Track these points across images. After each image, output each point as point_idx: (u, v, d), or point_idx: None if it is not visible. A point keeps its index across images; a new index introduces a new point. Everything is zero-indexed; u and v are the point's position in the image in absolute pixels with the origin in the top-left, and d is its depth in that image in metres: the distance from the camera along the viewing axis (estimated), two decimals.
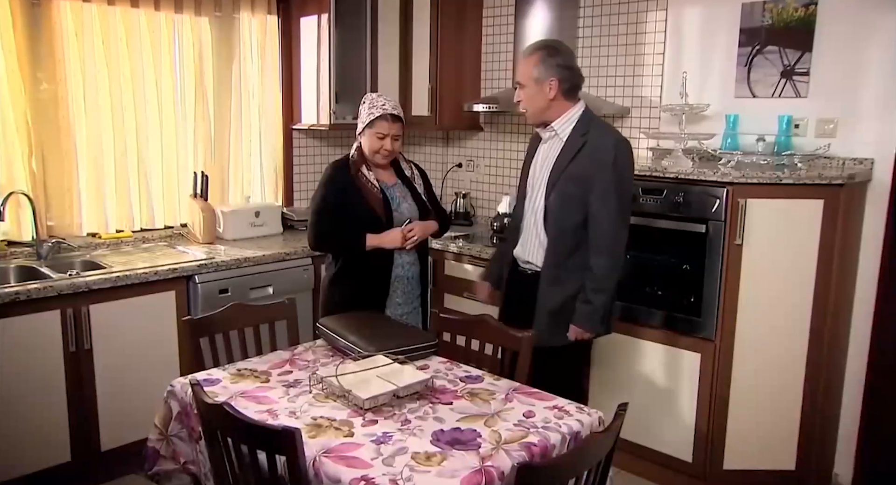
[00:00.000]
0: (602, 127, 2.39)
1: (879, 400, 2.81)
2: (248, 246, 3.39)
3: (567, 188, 2.32)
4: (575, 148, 2.31)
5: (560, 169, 2.34)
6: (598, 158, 2.27)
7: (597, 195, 2.27)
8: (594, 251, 2.31)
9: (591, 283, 2.32)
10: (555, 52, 2.34)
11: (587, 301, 2.33)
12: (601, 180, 2.27)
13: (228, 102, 3.63)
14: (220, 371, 2.10)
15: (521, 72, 2.36)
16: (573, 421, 1.82)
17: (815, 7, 2.81)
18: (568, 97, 2.35)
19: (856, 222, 2.75)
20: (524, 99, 2.37)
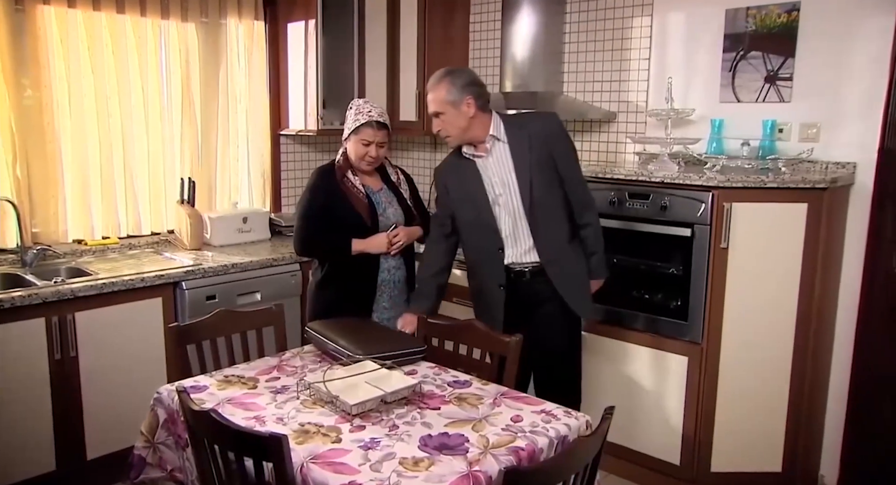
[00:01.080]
0: (528, 114, 2.64)
1: (863, 402, 2.83)
2: (236, 252, 3.38)
3: (541, 177, 2.41)
4: (524, 140, 2.41)
5: (525, 164, 2.41)
6: (550, 135, 2.43)
7: (564, 164, 2.44)
8: (583, 208, 2.50)
9: (593, 235, 2.52)
10: (459, 73, 2.44)
11: (595, 252, 2.54)
12: (561, 151, 2.44)
13: (215, 108, 3.62)
14: (207, 378, 2.10)
15: (435, 102, 2.42)
16: (561, 425, 1.82)
17: (798, 13, 2.85)
18: (484, 110, 2.43)
19: (839, 226, 2.78)
20: (445, 124, 2.42)
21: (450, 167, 2.57)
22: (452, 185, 2.55)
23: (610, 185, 2.90)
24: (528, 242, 2.46)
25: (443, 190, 2.59)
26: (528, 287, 2.48)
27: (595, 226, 2.52)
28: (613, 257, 2.88)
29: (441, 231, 2.61)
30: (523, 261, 2.48)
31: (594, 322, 2.97)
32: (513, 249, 2.48)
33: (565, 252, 2.48)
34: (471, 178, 2.48)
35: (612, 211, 2.87)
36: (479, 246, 2.53)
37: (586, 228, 2.50)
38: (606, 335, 2.96)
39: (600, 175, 2.92)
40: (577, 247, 2.52)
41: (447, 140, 2.48)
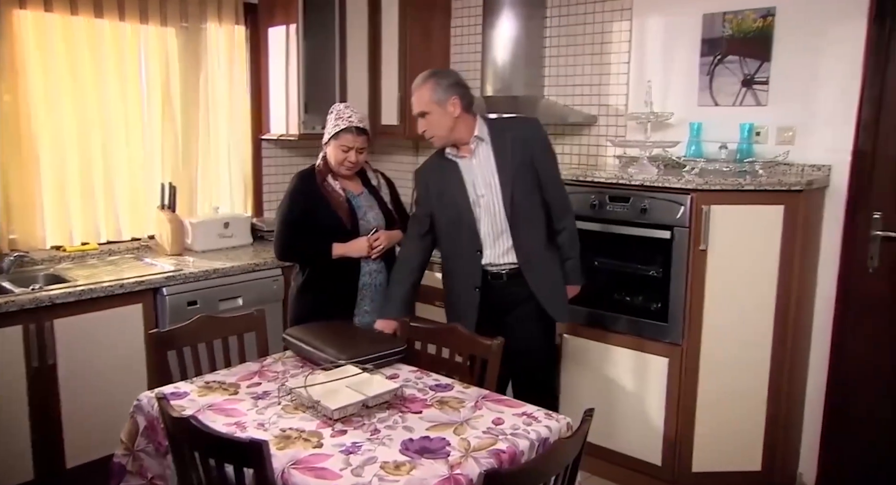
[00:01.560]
0: (511, 119, 2.68)
1: (840, 400, 2.87)
2: (217, 257, 3.36)
3: (522, 180, 2.44)
4: (507, 143, 2.44)
5: (508, 166, 2.43)
6: (531, 140, 2.46)
7: (545, 168, 2.48)
8: (561, 212, 2.53)
9: (569, 240, 2.55)
10: (444, 74, 2.48)
11: (570, 258, 2.56)
12: (542, 155, 2.48)
13: (196, 113, 3.60)
14: (187, 384, 2.08)
15: (420, 101, 2.43)
16: (542, 427, 1.83)
17: (773, 18, 2.89)
18: (469, 112, 2.45)
19: (815, 227, 2.82)
20: (431, 124, 2.43)
21: (432, 167, 2.58)
22: (434, 185, 2.55)
23: (590, 188, 2.92)
24: (507, 243, 2.47)
25: (423, 189, 2.60)
26: (505, 289, 2.49)
27: (571, 231, 2.54)
28: (594, 260, 2.91)
29: (418, 229, 2.61)
30: (501, 262, 2.49)
31: (576, 325, 2.99)
32: (491, 249, 2.49)
33: (542, 255, 2.50)
34: (453, 178, 2.49)
35: (593, 214, 2.89)
36: (457, 247, 2.54)
37: (562, 233, 2.53)
38: (588, 337, 2.98)
39: (581, 178, 2.95)
40: (555, 251, 2.54)
41: (432, 140, 2.48)
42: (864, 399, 2.82)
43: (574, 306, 2.92)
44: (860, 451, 2.83)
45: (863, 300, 2.80)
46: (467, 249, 2.50)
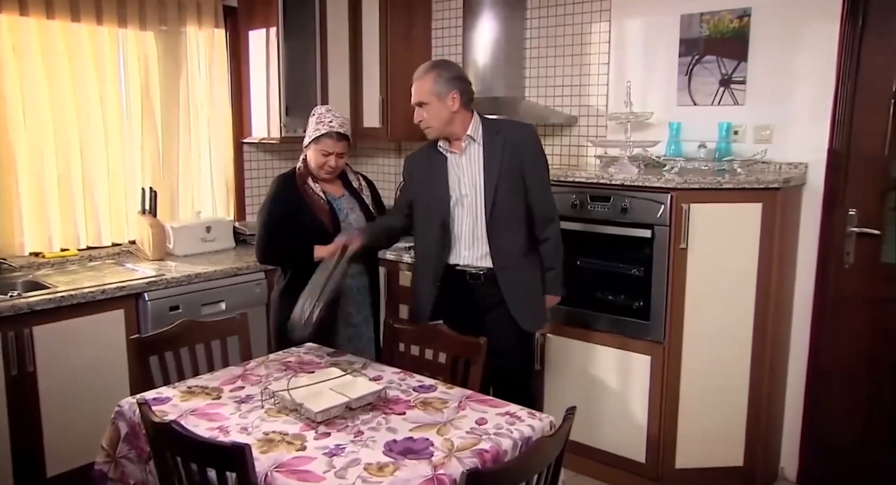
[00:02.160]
0: (506, 121, 2.62)
1: (819, 393, 2.91)
2: (200, 262, 3.34)
3: (509, 184, 2.43)
4: (498, 146, 2.44)
5: (495, 169, 2.43)
6: (523, 145, 2.46)
7: (533, 175, 2.47)
8: (545, 221, 2.50)
9: (552, 250, 2.52)
10: (448, 66, 2.48)
11: (552, 268, 2.54)
12: (532, 162, 2.47)
13: (177, 117, 3.58)
14: (169, 389, 2.07)
15: (421, 91, 2.42)
16: (525, 427, 1.84)
17: (749, 19, 2.93)
18: (467, 108, 2.46)
19: (792, 224, 2.86)
20: (428, 116, 2.43)
21: (420, 157, 2.58)
22: (418, 175, 2.56)
23: (571, 188, 2.94)
24: (485, 247, 2.47)
25: (408, 177, 2.61)
26: (483, 290, 2.49)
27: (555, 241, 2.52)
28: (576, 259, 2.93)
29: (399, 212, 2.66)
30: (478, 265, 2.49)
31: (558, 324, 3.00)
32: (469, 251, 2.49)
33: (520, 263, 2.48)
34: (439, 172, 2.49)
35: (574, 214, 2.91)
36: (427, 239, 2.54)
37: (546, 243, 2.51)
38: (570, 336, 3.00)
39: (562, 178, 2.96)
40: (535, 259, 2.52)
41: (426, 131, 2.47)
42: (843, 393, 2.86)
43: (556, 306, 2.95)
44: (840, 444, 2.87)
45: (839, 296, 2.84)
46: (436, 244, 2.50)
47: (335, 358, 2.36)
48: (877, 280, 2.75)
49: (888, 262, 2.74)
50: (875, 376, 2.77)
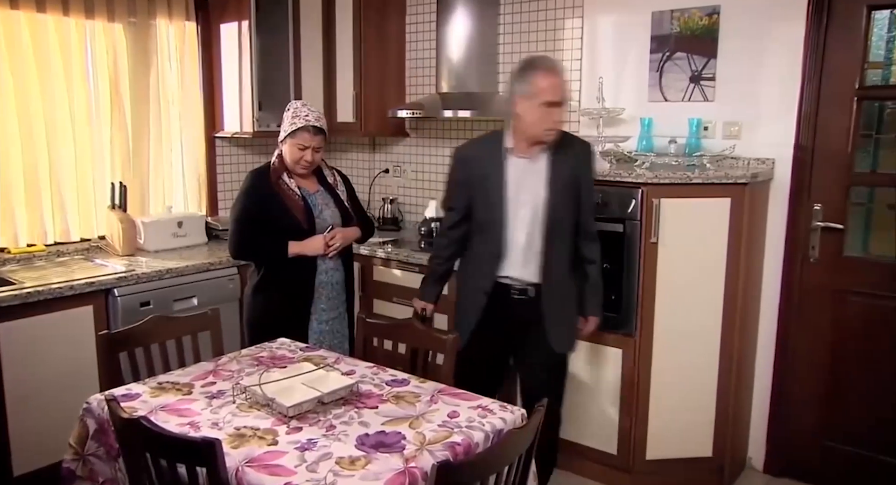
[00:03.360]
0: (569, 134, 2.50)
1: (786, 384, 2.97)
2: (171, 257, 3.31)
3: (567, 198, 2.39)
4: (564, 157, 2.39)
5: (559, 181, 2.37)
6: (585, 161, 2.44)
7: (588, 193, 2.46)
8: (591, 240, 2.49)
9: (596, 269, 2.50)
10: None
11: (598, 291, 2.53)
12: (589, 179, 2.46)
13: (147, 111, 3.54)
14: (139, 386, 2.05)
15: (565, 88, 2.34)
16: (496, 419, 1.86)
17: (718, 17, 2.97)
18: None
19: (760, 218, 2.91)
20: (563, 115, 2.37)
21: (477, 153, 2.44)
22: (478, 173, 2.40)
23: None
24: (537, 261, 2.40)
25: (467, 174, 2.43)
26: (522, 308, 2.43)
27: (598, 260, 2.50)
28: None
29: (455, 216, 2.49)
30: (527, 280, 2.42)
31: None
32: (520, 264, 2.40)
33: (563, 280, 2.45)
34: (498, 174, 2.36)
35: None
36: (481, 247, 2.44)
37: (592, 265, 2.48)
38: None
39: None
40: (573, 279, 2.48)
41: (550, 135, 2.33)
42: (808, 384, 2.92)
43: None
44: (805, 434, 2.94)
45: (805, 289, 2.90)
46: (491, 253, 2.40)
47: (308, 353, 2.36)
48: (840, 273, 2.81)
49: (851, 255, 2.81)
50: (838, 367, 2.84)
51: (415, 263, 3.34)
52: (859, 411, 2.80)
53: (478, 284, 2.46)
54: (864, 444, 2.79)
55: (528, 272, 2.42)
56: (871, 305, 2.74)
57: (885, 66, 2.68)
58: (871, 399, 2.76)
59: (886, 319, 2.71)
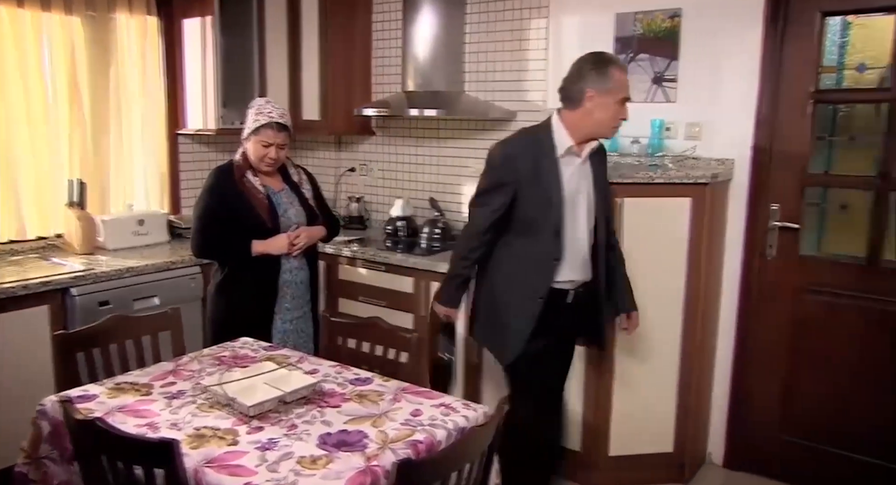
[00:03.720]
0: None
1: (745, 383, 3.04)
2: (132, 256, 3.25)
3: (604, 194, 2.42)
4: (600, 157, 2.43)
5: (600, 180, 2.40)
6: (603, 155, 2.48)
7: (608, 192, 2.50)
8: (614, 237, 2.53)
9: (623, 263, 2.53)
10: None
11: (629, 282, 2.54)
12: (607, 174, 2.50)
13: (107, 106, 3.46)
14: (96, 387, 2.01)
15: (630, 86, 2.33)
16: (459, 417, 1.86)
17: (680, 19, 3.02)
18: None
19: (720, 218, 2.97)
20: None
21: (523, 150, 2.31)
22: (525, 171, 2.27)
23: None
24: (589, 262, 2.40)
25: (512, 177, 2.28)
26: (575, 312, 2.41)
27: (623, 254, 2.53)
28: None
29: (492, 217, 2.31)
30: (581, 280, 2.40)
31: None
32: (573, 266, 2.35)
33: (600, 279, 2.44)
34: (551, 172, 2.27)
35: None
36: (531, 249, 2.30)
37: (622, 263, 2.52)
38: None
39: None
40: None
41: (615, 132, 2.36)
42: (766, 380, 2.99)
43: None
44: (764, 429, 3.01)
45: (763, 287, 2.96)
46: (546, 255, 2.29)
47: (271, 352, 2.33)
48: (796, 271, 2.88)
49: (806, 254, 2.88)
50: (796, 363, 2.91)
51: (380, 262, 3.33)
52: (817, 406, 2.87)
53: (529, 289, 2.31)
54: (822, 438, 2.87)
55: (584, 273, 2.39)
56: (826, 303, 2.81)
57: (838, 70, 2.76)
58: (828, 394, 2.84)
59: (841, 315, 2.78)
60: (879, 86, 2.67)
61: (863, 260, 2.76)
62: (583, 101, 2.26)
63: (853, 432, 2.79)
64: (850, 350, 2.77)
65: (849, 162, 2.82)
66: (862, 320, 2.74)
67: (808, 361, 2.88)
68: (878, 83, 2.68)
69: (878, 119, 2.69)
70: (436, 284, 3.17)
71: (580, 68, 2.30)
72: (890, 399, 2.71)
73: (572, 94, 2.29)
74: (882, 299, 2.70)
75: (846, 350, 2.78)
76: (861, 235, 2.75)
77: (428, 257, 3.26)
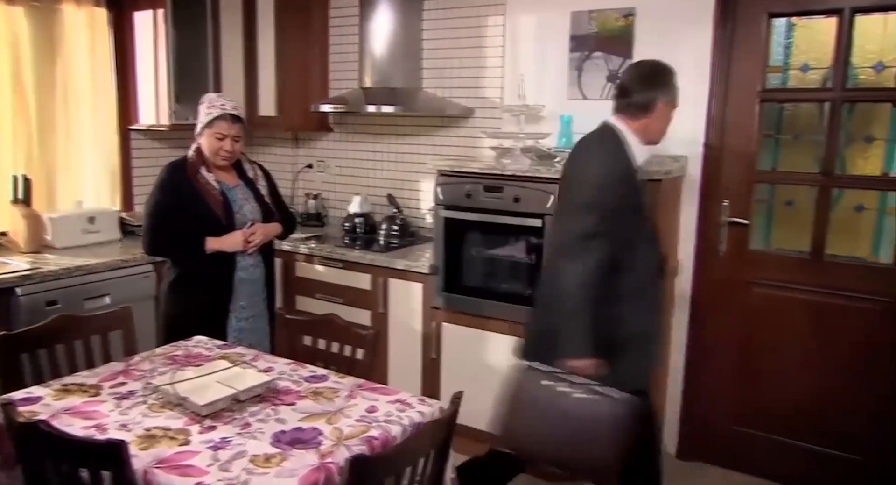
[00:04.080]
0: None
1: (698, 376, 3.11)
2: (82, 254, 3.17)
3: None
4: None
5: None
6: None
7: None
8: None
9: None
10: None
11: None
12: None
13: (53, 100, 3.37)
14: (41, 388, 1.96)
15: None
16: (415, 413, 1.87)
17: (633, 18, 3.06)
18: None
19: (674, 213, 3.03)
20: None
21: (628, 167, 2.20)
22: (631, 190, 2.19)
23: (465, 178, 2.98)
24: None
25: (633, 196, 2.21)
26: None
27: None
28: (470, 249, 2.99)
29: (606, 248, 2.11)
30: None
31: (453, 313, 3.05)
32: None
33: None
34: (636, 181, 2.24)
35: (468, 204, 2.96)
36: (642, 263, 2.22)
37: None
38: (465, 324, 3.05)
39: (457, 169, 3.01)
40: None
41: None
42: (718, 372, 3.06)
43: (451, 294, 3.01)
44: (717, 420, 3.08)
45: (715, 281, 3.03)
46: (655, 266, 2.24)
47: (225, 351, 2.30)
48: (746, 266, 2.95)
49: (756, 249, 2.96)
50: (747, 355, 2.99)
51: (337, 259, 3.31)
52: (767, 396, 2.95)
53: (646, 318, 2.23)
54: (772, 427, 2.95)
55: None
56: (775, 296, 2.89)
57: (784, 70, 2.84)
58: (778, 385, 2.92)
59: (788, 308, 2.87)
60: (822, 86, 2.76)
61: (807, 254, 2.84)
62: (652, 110, 2.23)
63: (802, 420, 2.88)
64: (798, 342, 2.86)
65: (794, 159, 2.90)
66: (808, 313, 2.83)
67: (758, 354, 2.96)
68: (821, 83, 2.76)
69: (820, 118, 2.78)
70: (393, 281, 3.19)
71: (649, 77, 2.27)
72: (836, 388, 2.80)
73: (640, 102, 2.23)
74: (825, 292, 2.79)
75: (794, 342, 2.87)
76: (806, 231, 2.84)
77: (385, 254, 3.26)
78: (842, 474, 2.83)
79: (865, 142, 2.74)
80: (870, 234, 2.76)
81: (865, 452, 2.78)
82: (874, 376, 2.73)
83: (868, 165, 2.74)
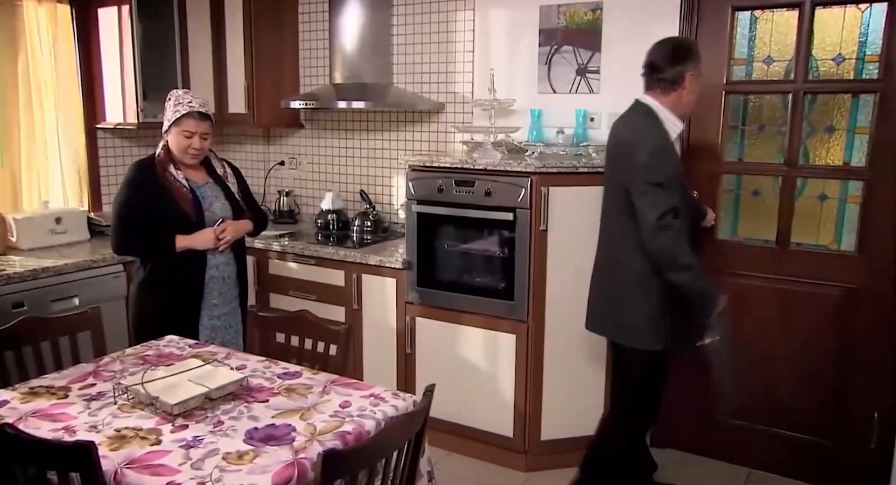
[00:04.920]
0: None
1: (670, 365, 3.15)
2: (49, 255, 3.12)
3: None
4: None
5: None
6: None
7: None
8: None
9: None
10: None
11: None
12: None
13: (16, 99, 3.31)
14: (7, 392, 1.93)
15: None
16: (388, 407, 1.87)
17: (601, 12, 3.09)
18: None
19: None
20: None
21: (669, 139, 2.35)
22: (676, 157, 2.37)
23: (437, 173, 2.99)
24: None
25: (676, 165, 2.35)
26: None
27: None
28: (443, 243, 3.00)
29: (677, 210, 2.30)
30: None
31: (427, 307, 3.06)
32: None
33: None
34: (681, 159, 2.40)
35: (440, 198, 2.97)
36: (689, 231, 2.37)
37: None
38: (438, 319, 3.06)
39: (428, 164, 3.01)
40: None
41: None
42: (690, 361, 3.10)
43: (425, 289, 3.02)
44: (688, 408, 3.13)
45: None
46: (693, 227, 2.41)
47: (197, 349, 2.29)
48: (715, 256, 3.00)
49: (724, 238, 3.01)
50: None
51: (310, 256, 3.30)
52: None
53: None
54: (742, 414, 3.00)
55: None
56: (743, 285, 2.94)
57: (748, 62, 2.88)
58: (746, 372, 2.97)
59: (756, 297, 2.92)
60: (784, 77, 2.81)
61: (773, 243, 2.90)
62: (682, 84, 2.34)
63: (771, 407, 2.94)
64: (765, 330, 2.91)
65: (759, 150, 2.95)
66: (774, 301, 2.89)
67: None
68: (784, 75, 2.82)
69: (784, 109, 2.83)
70: (367, 277, 3.19)
71: (676, 52, 2.37)
72: (802, 375, 2.87)
73: (670, 77, 2.34)
74: (791, 280, 2.85)
75: (762, 330, 2.92)
76: (772, 220, 2.89)
77: (359, 250, 3.26)
78: (810, 458, 2.90)
79: (827, 132, 2.80)
80: (832, 222, 2.82)
81: (833, 436, 2.85)
82: (839, 362, 2.80)
83: (830, 155, 2.80)
